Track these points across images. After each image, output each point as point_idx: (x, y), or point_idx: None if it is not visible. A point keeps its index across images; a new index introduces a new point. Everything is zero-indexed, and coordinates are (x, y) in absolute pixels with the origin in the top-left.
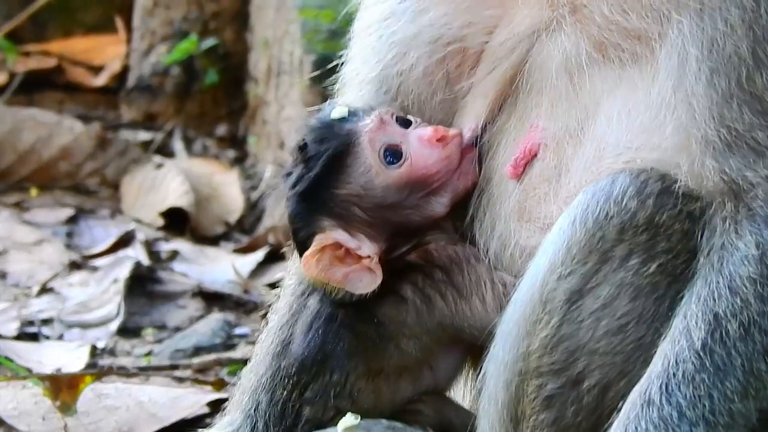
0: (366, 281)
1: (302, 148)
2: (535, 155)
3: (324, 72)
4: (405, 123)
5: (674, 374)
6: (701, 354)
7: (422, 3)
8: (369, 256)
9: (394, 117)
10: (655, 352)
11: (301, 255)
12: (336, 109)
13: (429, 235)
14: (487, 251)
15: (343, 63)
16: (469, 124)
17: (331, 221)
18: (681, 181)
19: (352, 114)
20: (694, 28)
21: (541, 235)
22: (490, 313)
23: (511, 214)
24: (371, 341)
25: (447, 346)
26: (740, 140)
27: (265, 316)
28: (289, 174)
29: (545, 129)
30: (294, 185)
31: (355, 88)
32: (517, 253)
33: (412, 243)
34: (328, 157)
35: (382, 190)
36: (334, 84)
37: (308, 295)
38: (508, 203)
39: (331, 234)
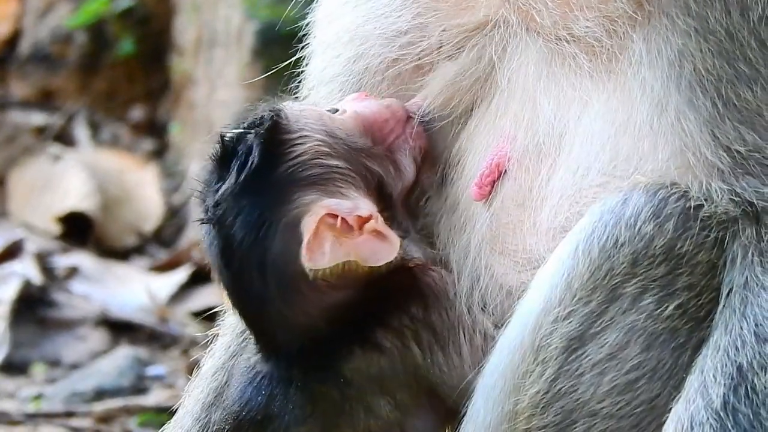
0: (382, 248)
1: (225, 144)
2: (504, 172)
3: (269, 44)
4: None
5: None
6: (722, 415)
7: None
8: (370, 216)
9: None
10: None
11: (272, 280)
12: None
13: (411, 249)
14: (459, 287)
15: (304, 56)
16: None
17: (310, 192)
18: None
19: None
20: (654, 46)
21: (518, 272)
22: (465, 368)
23: (482, 244)
24: (332, 404)
25: (424, 405)
26: (748, 160)
27: (186, 352)
28: (219, 183)
29: (514, 139)
30: (239, 178)
31: (317, 89)
32: (490, 292)
33: (402, 222)
34: (268, 122)
35: (344, 133)
36: (280, 60)
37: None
38: (478, 231)
39: (319, 205)
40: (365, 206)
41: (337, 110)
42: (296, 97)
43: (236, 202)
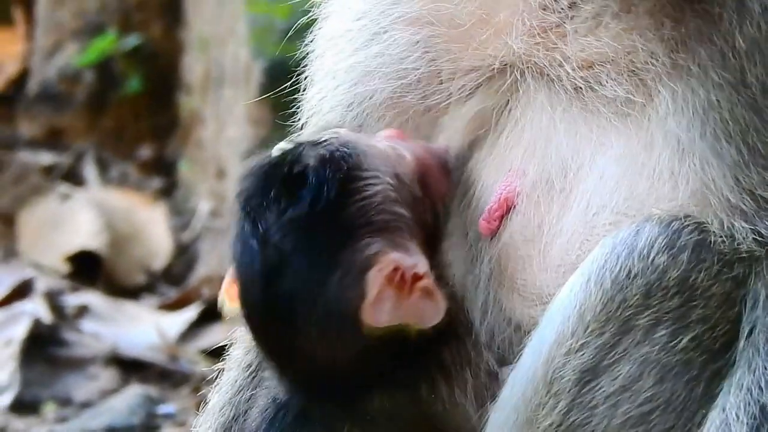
0: (431, 309)
1: (297, 165)
2: (513, 207)
3: (277, 82)
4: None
5: None
6: None
7: (378, 25)
8: (425, 274)
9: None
10: None
11: (316, 323)
12: (277, 146)
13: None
14: (468, 322)
15: (304, 82)
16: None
17: (379, 241)
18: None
19: (304, 138)
20: (681, 96)
21: (527, 308)
22: (467, 406)
23: (489, 278)
24: None
25: None
26: None
27: (197, 390)
28: (282, 201)
29: (524, 174)
30: (314, 204)
31: (316, 118)
32: (498, 327)
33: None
34: (349, 154)
35: (408, 178)
36: (288, 98)
37: (257, 368)
38: (486, 265)
39: (387, 258)
40: (423, 263)
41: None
42: (300, 128)
43: (299, 231)
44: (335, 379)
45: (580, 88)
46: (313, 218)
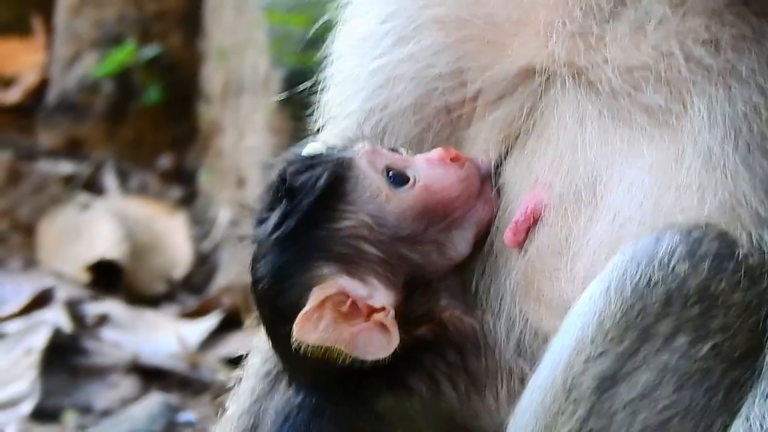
0: (378, 343)
1: (282, 182)
2: (540, 219)
3: (296, 90)
4: (397, 152)
5: None
6: None
7: (406, 29)
8: (383, 308)
9: (384, 148)
10: None
11: (280, 327)
12: (309, 146)
13: (443, 298)
14: (494, 333)
15: (322, 86)
16: (479, 155)
17: (332, 266)
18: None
19: (331, 149)
20: (719, 108)
21: (554, 319)
22: (501, 412)
23: (517, 290)
24: None
25: None
26: None
27: (217, 398)
28: (263, 219)
29: (551, 186)
30: (276, 228)
31: (334, 122)
32: (525, 337)
33: (430, 302)
34: (322, 184)
35: (395, 218)
36: (307, 107)
37: (276, 376)
38: (513, 276)
39: (334, 282)
40: (381, 297)
41: (407, 179)
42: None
43: (269, 242)
44: (331, 377)
45: (618, 92)
46: (279, 234)
